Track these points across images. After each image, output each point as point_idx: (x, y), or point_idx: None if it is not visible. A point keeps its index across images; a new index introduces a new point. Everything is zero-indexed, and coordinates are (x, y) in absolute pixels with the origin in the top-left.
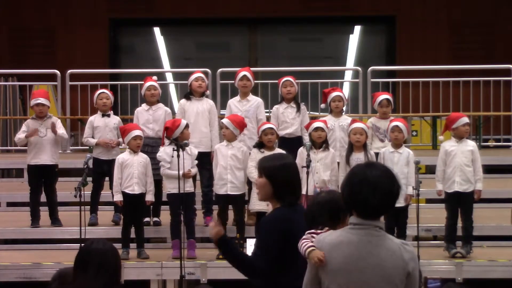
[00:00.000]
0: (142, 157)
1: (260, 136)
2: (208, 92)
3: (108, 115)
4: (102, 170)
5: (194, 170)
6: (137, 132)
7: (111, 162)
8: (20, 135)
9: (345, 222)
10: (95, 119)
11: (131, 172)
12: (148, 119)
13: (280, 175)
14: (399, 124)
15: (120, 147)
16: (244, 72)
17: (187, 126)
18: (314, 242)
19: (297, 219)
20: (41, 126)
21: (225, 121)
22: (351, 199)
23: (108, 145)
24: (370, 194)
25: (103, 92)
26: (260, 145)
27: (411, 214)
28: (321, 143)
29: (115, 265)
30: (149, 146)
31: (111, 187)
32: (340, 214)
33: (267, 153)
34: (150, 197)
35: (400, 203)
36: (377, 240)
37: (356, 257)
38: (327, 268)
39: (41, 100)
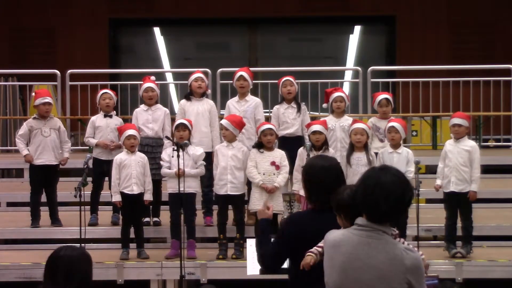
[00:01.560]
0: (140, 157)
1: (259, 137)
2: (209, 91)
3: (110, 116)
4: (102, 170)
5: (193, 171)
6: (130, 132)
7: (111, 162)
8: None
9: None
10: (97, 119)
11: (129, 173)
12: (148, 119)
13: (309, 176)
14: (396, 124)
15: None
16: (241, 73)
17: (184, 126)
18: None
19: (313, 224)
20: (44, 126)
21: (224, 122)
22: (363, 202)
23: (107, 147)
24: (382, 199)
25: (106, 93)
26: (259, 145)
27: (411, 214)
28: (320, 145)
29: (85, 272)
30: (149, 146)
31: (109, 187)
32: None
33: (266, 153)
34: (148, 196)
35: None
36: (377, 243)
37: (353, 257)
38: (326, 264)
39: (49, 99)
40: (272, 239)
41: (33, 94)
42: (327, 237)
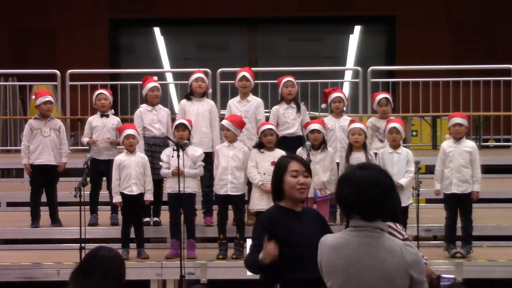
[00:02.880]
0: (140, 157)
1: (259, 137)
2: (210, 91)
3: (107, 116)
4: (99, 170)
5: (192, 171)
6: (129, 131)
7: (108, 162)
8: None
9: None
10: (94, 119)
11: (129, 173)
12: (153, 119)
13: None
14: (397, 125)
15: (118, 146)
16: (243, 73)
17: (183, 126)
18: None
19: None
20: (45, 126)
21: (225, 122)
22: (348, 202)
23: (95, 143)
24: (374, 196)
25: (101, 93)
26: (260, 145)
27: (411, 214)
28: (319, 144)
29: (120, 273)
30: (157, 146)
31: (108, 187)
32: None
33: (267, 153)
34: (149, 197)
35: (403, 203)
36: (376, 242)
37: (355, 258)
38: (327, 270)
39: (49, 98)
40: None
41: (33, 97)
42: (324, 241)
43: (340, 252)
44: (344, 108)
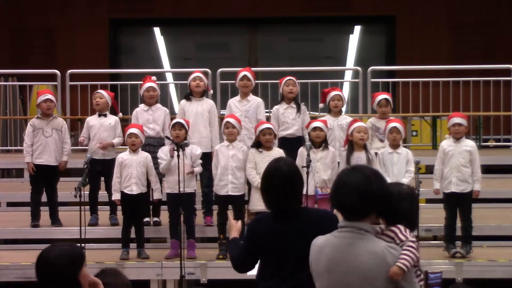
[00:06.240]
0: (142, 157)
1: (257, 136)
2: (211, 91)
3: (105, 115)
4: (96, 170)
5: (197, 169)
6: (131, 130)
7: (105, 162)
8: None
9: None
10: (91, 119)
11: (129, 172)
12: (148, 119)
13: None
14: (398, 125)
15: (116, 147)
16: (244, 72)
17: (180, 125)
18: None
19: (275, 225)
20: (47, 126)
21: (233, 121)
22: (334, 203)
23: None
24: (345, 196)
25: (97, 92)
26: (257, 144)
27: None
28: (320, 142)
29: (66, 272)
30: (151, 146)
31: (106, 187)
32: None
33: (265, 153)
34: (157, 195)
35: None
36: (359, 243)
37: (338, 260)
38: (315, 271)
39: (49, 96)
40: (241, 241)
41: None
42: (314, 243)
43: (325, 253)
44: (344, 108)
